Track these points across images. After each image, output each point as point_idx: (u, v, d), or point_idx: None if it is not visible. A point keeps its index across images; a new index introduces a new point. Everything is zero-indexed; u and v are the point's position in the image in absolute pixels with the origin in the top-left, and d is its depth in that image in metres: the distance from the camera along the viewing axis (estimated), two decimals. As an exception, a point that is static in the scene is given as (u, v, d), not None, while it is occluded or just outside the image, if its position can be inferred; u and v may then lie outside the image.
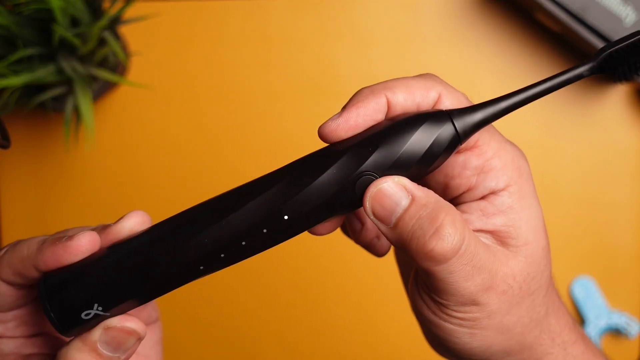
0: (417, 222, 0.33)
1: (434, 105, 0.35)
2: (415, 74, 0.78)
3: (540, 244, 0.36)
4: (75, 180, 0.75)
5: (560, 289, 0.75)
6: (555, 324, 0.38)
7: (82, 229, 0.38)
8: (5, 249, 0.37)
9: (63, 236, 0.36)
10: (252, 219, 0.34)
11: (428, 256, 0.33)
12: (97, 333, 0.35)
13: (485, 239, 0.35)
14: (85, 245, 0.35)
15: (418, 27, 0.74)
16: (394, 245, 0.35)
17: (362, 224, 0.42)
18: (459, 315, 0.35)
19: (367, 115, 0.34)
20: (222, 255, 0.34)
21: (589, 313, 0.73)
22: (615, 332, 0.74)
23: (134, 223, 0.37)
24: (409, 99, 0.35)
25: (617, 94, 0.74)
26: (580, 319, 0.74)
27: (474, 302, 0.34)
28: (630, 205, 0.74)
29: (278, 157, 0.76)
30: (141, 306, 0.43)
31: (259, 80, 0.74)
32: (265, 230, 0.34)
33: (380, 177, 0.34)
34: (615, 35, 0.65)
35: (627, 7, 0.66)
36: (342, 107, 0.35)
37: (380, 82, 0.35)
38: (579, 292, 0.74)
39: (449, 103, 0.35)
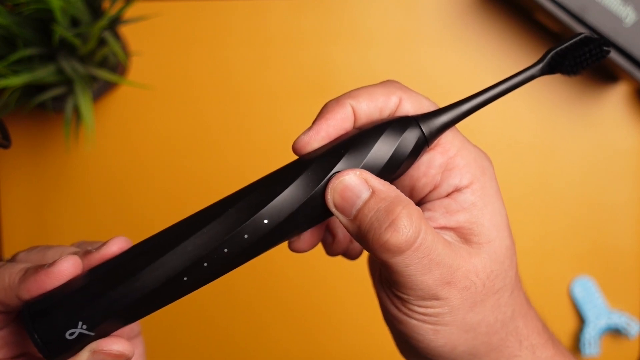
0: (375, 214, 0.34)
1: (396, 110, 0.36)
2: (414, 74, 0.78)
3: (503, 242, 0.36)
4: (75, 180, 0.75)
5: (560, 289, 0.75)
6: (523, 326, 0.38)
7: (63, 249, 0.38)
8: None
9: (44, 264, 0.36)
10: (233, 224, 0.34)
11: (383, 248, 0.33)
12: (84, 356, 0.35)
13: (449, 236, 0.36)
14: (67, 269, 0.35)
15: (418, 27, 0.74)
16: (354, 237, 0.36)
17: (334, 236, 0.43)
18: (421, 310, 0.35)
19: (336, 125, 0.36)
20: (205, 265, 0.34)
21: (589, 313, 0.73)
22: (615, 332, 0.74)
23: (117, 249, 0.37)
24: (372, 105, 0.36)
25: (617, 94, 0.74)
26: (580, 319, 0.74)
27: (435, 297, 0.35)
28: (630, 205, 0.74)
29: (278, 157, 0.75)
30: None
31: (259, 80, 0.74)
32: (246, 236, 0.34)
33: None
34: (615, 35, 0.65)
35: (627, 7, 0.66)
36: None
37: (345, 93, 0.36)
38: (579, 292, 0.74)
39: (409, 106, 0.36)
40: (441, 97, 0.41)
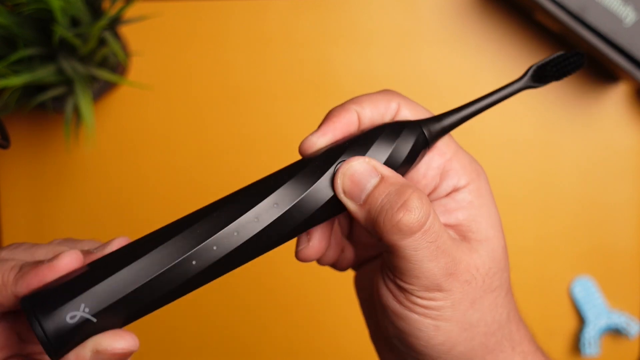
0: (386, 197, 0.35)
1: (395, 115, 0.38)
2: (414, 74, 0.78)
3: (500, 242, 0.38)
4: (75, 180, 0.75)
5: (560, 289, 0.75)
6: (516, 332, 0.39)
7: (53, 247, 0.38)
8: None
9: (41, 260, 0.35)
10: (229, 222, 0.35)
11: (396, 228, 0.34)
12: (87, 355, 0.34)
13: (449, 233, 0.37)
14: (71, 263, 0.35)
15: (418, 27, 0.74)
16: (362, 224, 0.36)
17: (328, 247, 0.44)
18: (424, 302, 0.36)
19: (342, 128, 0.37)
20: (215, 247, 0.35)
21: (589, 313, 0.73)
22: (615, 332, 0.74)
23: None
24: (375, 111, 0.38)
25: (617, 94, 0.74)
26: (580, 319, 0.74)
27: (438, 287, 0.35)
28: (630, 205, 0.74)
29: (278, 157, 0.76)
30: None
31: (258, 81, 0.74)
32: (236, 234, 0.35)
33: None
34: (615, 36, 0.65)
35: (627, 7, 0.66)
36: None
37: (349, 100, 0.38)
38: (578, 292, 0.74)
39: (407, 112, 0.38)
40: (441, 97, 0.41)
